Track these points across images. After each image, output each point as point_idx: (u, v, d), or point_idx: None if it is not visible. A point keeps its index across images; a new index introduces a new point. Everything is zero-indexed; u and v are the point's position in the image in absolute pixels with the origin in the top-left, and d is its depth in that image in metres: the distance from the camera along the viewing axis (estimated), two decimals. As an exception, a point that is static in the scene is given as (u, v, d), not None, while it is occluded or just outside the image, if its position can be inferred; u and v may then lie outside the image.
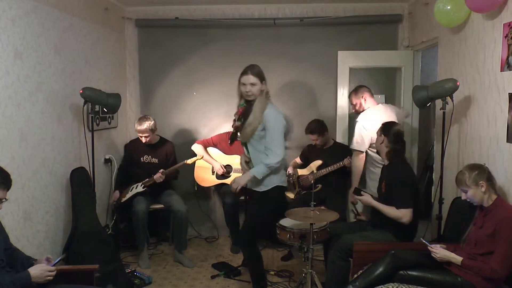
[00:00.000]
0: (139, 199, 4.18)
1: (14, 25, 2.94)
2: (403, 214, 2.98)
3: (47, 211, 3.38)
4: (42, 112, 3.29)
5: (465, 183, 2.53)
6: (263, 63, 4.98)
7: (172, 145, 4.54)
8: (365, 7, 4.83)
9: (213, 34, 4.95)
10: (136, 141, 4.46)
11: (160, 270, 4.08)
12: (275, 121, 3.09)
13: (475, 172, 2.52)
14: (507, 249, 2.36)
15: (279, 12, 4.93)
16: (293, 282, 3.73)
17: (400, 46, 4.88)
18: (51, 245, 3.42)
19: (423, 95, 3.39)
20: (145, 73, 5.08)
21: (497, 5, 2.77)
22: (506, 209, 2.45)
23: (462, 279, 2.48)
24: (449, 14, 3.32)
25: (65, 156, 3.65)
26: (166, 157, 4.42)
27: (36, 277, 2.22)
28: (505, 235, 2.37)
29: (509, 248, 2.36)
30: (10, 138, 2.92)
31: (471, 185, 2.51)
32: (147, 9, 4.96)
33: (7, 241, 2.45)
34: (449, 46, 3.70)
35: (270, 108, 3.14)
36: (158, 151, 4.39)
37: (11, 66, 2.91)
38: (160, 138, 4.47)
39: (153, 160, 4.36)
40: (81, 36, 3.93)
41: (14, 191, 2.48)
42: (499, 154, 2.86)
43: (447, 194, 3.48)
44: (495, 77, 2.91)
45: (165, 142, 4.49)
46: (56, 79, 3.49)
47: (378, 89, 4.90)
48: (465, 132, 3.39)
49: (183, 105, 5.03)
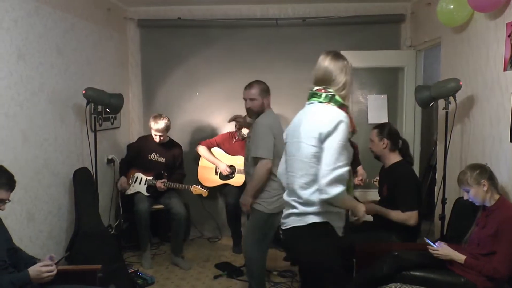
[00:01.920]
0: (141, 198, 4.18)
1: (16, 26, 2.94)
2: (409, 217, 2.97)
3: (50, 211, 3.38)
4: (44, 112, 3.30)
5: (467, 182, 2.53)
6: (265, 63, 5.06)
7: (181, 149, 4.53)
8: (367, 7, 4.82)
9: (215, 34, 4.95)
10: (145, 138, 4.46)
11: (163, 270, 4.09)
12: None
13: (476, 171, 2.52)
14: (509, 248, 2.36)
15: (281, 12, 4.92)
16: (296, 282, 3.73)
17: (403, 46, 4.87)
18: (54, 245, 3.42)
19: (426, 95, 3.39)
20: (147, 73, 5.09)
21: (500, 4, 2.77)
22: (509, 209, 2.45)
23: (465, 279, 2.47)
24: (452, 14, 3.31)
25: (68, 156, 3.66)
26: (173, 159, 4.41)
27: (34, 276, 2.21)
28: (508, 235, 2.36)
29: (511, 247, 2.35)
30: (13, 139, 2.93)
31: (472, 184, 2.51)
32: (149, 10, 4.97)
33: (10, 242, 2.45)
34: (451, 45, 3.69)
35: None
36: (167, 152, 4.39)
37: (13, 66, 2.92)
38: (170, 139, 4.46)
39: (161, 159, 4.36)
40: (83, 36, 3.93)
41: (17, 192, 2.48)
42: (502, 154, 2.85)
43: (450, 194, 3.47)
44: (498, 77, 2.90)
45: (174, 144, 4.48)
46: (59, 79, 3.50)
47: (380, 89, 4.90)
48: (468, 132, 3.38)
49: (186, 105, 5.03)
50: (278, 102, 5.06)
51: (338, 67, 2.16)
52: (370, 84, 4.91)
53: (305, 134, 2.08)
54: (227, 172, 4.54)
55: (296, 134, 2.14)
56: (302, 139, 2.09)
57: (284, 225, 2.21)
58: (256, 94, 3.11)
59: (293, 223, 2.14)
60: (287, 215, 2.19)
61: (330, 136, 1.99)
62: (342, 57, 2.21)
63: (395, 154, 3.19)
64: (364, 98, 4.88)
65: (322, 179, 1.97)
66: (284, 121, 4.74)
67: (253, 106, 3.12)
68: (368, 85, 4.92)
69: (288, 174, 2.20)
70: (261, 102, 3.12)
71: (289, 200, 2.19)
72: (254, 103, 3.12)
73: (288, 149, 2.22)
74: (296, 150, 2.12)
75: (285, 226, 2.20)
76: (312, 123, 2.08)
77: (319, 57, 2.26)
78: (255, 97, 3.11)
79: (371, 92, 4.88)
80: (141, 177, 4.29)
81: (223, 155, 4.68)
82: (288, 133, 2.26)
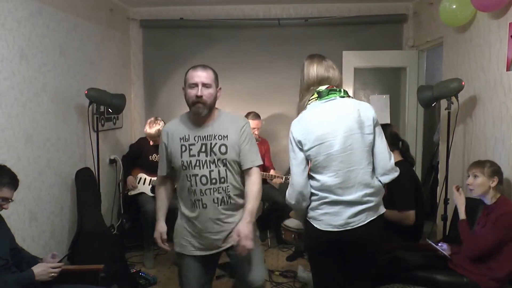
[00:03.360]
0: (147, 198, 4.18)
1: (19, 26, 2.95)
2: (405, 217, 2.96)
3: (52, 211, 3.39)
4: (47, 112, 3.31)
5: (482, 170, 2.54)
6: (267, 63, 5.07)
7: None
8: (369, 7, 4.82)
9: (217, 35, 4.96)
10: (145, 139, 4.47)
11: (165, 270, 4.09)
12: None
13: (495, 167, 2.55)
14: (494, 237, 2.39)
15: (283, 12, 4.92)
16: (298, 282, 3.73)
17: (405, 46, 4.87)
18: (56, 245, 3.43)
19: (428, 95, 3.38)
20: (150, 73, 5.09)
21: (503, 4, 2.76)
22: (508, 205, 2.45)
23: (467, 279, 2.47)
24: (455, 13, 3.31)
25: (70, 156, 3.67)
26: None
27: (40, 274, 2.23)
28: (500, 226, 2.39)
29: (496, 237, 2.39)
30: (16, 139, 2.94)
31: (486, 174, 2.52)
32: (152, 10, 4.98)
33: (13, 242, 2.46)
34: (454, 45, 3.68)
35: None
36: None
37: (16, 67, 2.93)
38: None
39: None
40: (86, 37, 3.94)
41: (19, 192, 2.49)
42: (505, 154, 2.84)
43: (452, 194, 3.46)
44: (501, 77, 2.89)
45: None
46: (61, 80, 3.51)
47: (383, 89, 4.90)
48: (470, 132, 3.37)
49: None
50: (280, 101, 5.09)
51: (330, 65, 2.20)
52: (372, 84, 4.92)
53: (362, 124, 2.07)
54: None
55: (348, 128, 2.06)
56: (362, 130, 2.06)
57: (354, 223, 2.06)
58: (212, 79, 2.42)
59: (368, 218, 2.07)
60: (357, 212, 2.07)
61: (377, 120, 2.12)
62: (322, 56, 2.23)
63: (395, 154, 3.18)
64: (366, 98, 4.88)
65: (390, 160, 2.13)
66: (286, 121, 4.76)
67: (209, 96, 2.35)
68: (370, 85, 4.92)
69: (347, 170, 2.06)
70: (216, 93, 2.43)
71: (354, 198, 2.06)
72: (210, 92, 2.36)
73: (337, 146, 2.05)
74: (356, 141, 2.06)
75: (357, 224, 2.06)
76: (362, 112, 2.08)
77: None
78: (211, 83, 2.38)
79: (373, 92, 4.88)
80: (144, 177, 4.30)
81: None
82: (326, 132, 2.07)
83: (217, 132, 2.30)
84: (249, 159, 2.31)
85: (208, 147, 2.26)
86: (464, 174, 3.47)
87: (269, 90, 4.93)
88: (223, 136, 2.28)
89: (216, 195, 2.25)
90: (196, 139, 2.28)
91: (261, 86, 4.93)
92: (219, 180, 2.25)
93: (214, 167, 2.24)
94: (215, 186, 2.25)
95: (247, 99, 4.89)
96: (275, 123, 4.98)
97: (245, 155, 2.31)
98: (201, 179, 2.24)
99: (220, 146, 2.26)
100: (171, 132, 2.37)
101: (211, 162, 2.24)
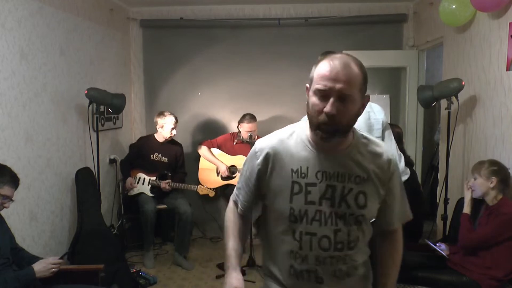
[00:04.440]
0: (146, 199, 4.19)
1: (20, 26, 2.95)
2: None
3: (52, 211, 3.39)
4: (47, 112, 3.31)
5: (479, 171, 2.57)
6: (267, 63, 5.07)
7: (182, 147, 4.57)
8: (369, 6, 4.82)
9: (217, 34, 4.96)
10: (146, 138, 4.48)
11: (165, 270, 4.09)
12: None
13: (494, 167, 2.55)
14: (488, 230, 2.42)
15: (283, 12, 4.92)
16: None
17: (405, 46, 4.86)
18: (56, 245, 3.43)
19: (428, 95, 3.38)
20: (150, 73, 5.09)
21: (503, 4, 2.76)
22: (509, 207, 2.45)
23: (467, 278, 2.47)
24: (455, 13, 3.31)
25: (70, 156, 3.67)
26: (175, 158, 4.45)
27: (40, 271, 2.23)
28: (498, 222, 2.40)
29: (490, 231, 2.42)
30: (16, 139, 2.94)
31: (483, 175, 2.53)
32: (152, 10, 4.98)
33: (13, 241, 2.46)
34: (454, 45, 3.69)
35: None
36: (169, 151, 4.41)
37: (16, 67, 2.93)
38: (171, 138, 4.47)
39: (163, 159, 4.37)
40: (86, 36, 3.94)
41: (19, 191, 2.49)
42: (505, 154, 2.84)
43: (452, 194, 3.46)
44: (501, 77, 2.89)
45: (175, 142, 4.51)
46: (61, 79, 3.51)
47: (383, 89, 4.90)
48: (470, 132, 3.37)
49: (188, 105, 5.03)
50: (280, 101, 5.09)
51: None
52: (372, 84, 4.90)
53: (372, 127, 2.12)
54: (226, 174, 4.54)
55: (372, 126, 2.10)
56: (371, 133, 2.08)
57: None
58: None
59: None
60: None
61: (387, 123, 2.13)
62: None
63: None
64: (366, 98, 4.87)
65: (400, 163, 2.12)
66: (287, 121, 4.76)
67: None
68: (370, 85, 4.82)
69: None
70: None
71: None
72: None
73: None
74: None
75: None
76: (373, 115, 2.11)
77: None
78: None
79: (374, 92, 4.87)
80: (143, 177, 4.30)
81: (223, 154, 4.67)
82: None
83: (353, 170, 1.44)
84: (397, 216, 1.57)
85: (338, 193, 1.42)
86: (464, 174, 3.48)
87: (269, 90, 4.92)
88: (362, 178, 1.43)
89: (340, 267, 1.44)
90: (319, 177, 1.42)
91: (261, 86, 4.92)
92: (347, 246, 1.44)
93: (343, 225, 1.42)
94: (340, 254, 1.43)
95: (247, 99, 4.89)
96: (275, 123, 4.98)
97: (392, 210, 1.54)
98: (320, 242, 1.41)
99: (358, 195, 1.42)
100: (276, 152, 1.47)
101: (339, 217, 1.42)
